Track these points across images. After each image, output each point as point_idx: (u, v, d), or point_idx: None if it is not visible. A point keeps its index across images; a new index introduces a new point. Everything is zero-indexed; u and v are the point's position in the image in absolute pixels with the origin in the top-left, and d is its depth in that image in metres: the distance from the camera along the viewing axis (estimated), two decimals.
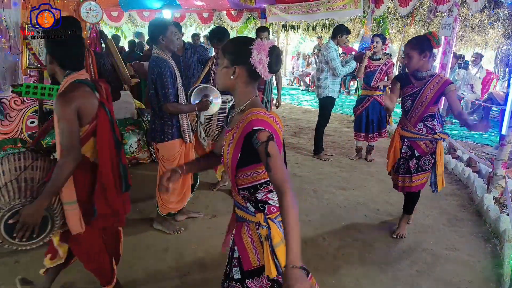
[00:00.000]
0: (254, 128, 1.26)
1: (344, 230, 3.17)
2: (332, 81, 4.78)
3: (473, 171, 4.30)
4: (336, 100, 5.02)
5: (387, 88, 4.86)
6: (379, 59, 4.69)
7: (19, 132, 3.82)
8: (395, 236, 3.06)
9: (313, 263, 2.66)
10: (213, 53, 5.33)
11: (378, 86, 4.70)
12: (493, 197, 3.56)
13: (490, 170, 3.87)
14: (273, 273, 1.33)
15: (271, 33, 11.86)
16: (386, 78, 4.69)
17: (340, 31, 4.73)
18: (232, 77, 1.35)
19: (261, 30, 4.44)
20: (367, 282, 2.49)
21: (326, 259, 2.73)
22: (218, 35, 3.58)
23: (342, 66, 4.73)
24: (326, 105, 4.93)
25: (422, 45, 2.67)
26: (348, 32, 4.79)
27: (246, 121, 1.29)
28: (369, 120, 4.85)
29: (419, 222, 3.33)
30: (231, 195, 2.60)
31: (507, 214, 3.14)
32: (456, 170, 4.62)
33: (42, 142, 3.80)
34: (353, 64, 4.82)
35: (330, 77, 4.75)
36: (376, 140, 4.96)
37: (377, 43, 4.64)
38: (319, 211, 3.51)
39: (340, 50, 12.57)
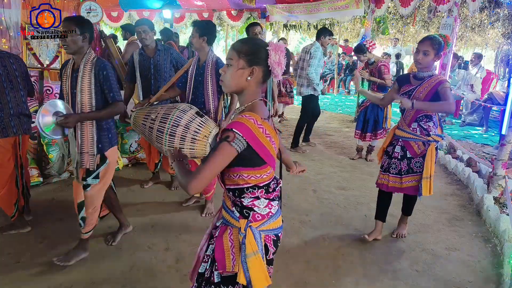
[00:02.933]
0: (231, 128, 1.28)
1: (344, 230, 3.17)
2: (314, 79, 5.11)
3: (473, 171, 4.30)
4: (318, 96, 5.41)
5: (389, 90, 4.89)
6: (372, 63, 4.93)
7: None
8: (395, 236, 3.06)
9: (313, 263, 2.66)
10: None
11: (371, 82, 4.87)
12: (493, 197, 3.56)
13: (490, 170, 3.87)
14: (242, 281, 1.34)
15: (271, 33, 11.95)
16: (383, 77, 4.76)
17: (323, 33, 5.17)
18: (249, 78, 1.36)
19: (254, 25, 4.31)
20: (367, 282, 2.49)
21: (326, 259, 2.72)
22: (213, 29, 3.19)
23: (320, 74, 5.28)
24: (307, 102, 5.34)
25: (440, 46, 2.65)
26: (330, 34, 5.32)
27: (233, 120, 1.33)
28: (365, 119, 4.99)
29: (419, 222, 3.33)
30: None
31: (507, 214, 3.14)
32: (456, 170, 4.63)
33: (42, 142, 3.81)
34: (320, 87, 5.23)
35: (314, 74, 5.08)
36: (372, 140, 5.01)
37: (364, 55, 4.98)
38: (319, 211, 3.51)
39: (340, 50, 12.59)
